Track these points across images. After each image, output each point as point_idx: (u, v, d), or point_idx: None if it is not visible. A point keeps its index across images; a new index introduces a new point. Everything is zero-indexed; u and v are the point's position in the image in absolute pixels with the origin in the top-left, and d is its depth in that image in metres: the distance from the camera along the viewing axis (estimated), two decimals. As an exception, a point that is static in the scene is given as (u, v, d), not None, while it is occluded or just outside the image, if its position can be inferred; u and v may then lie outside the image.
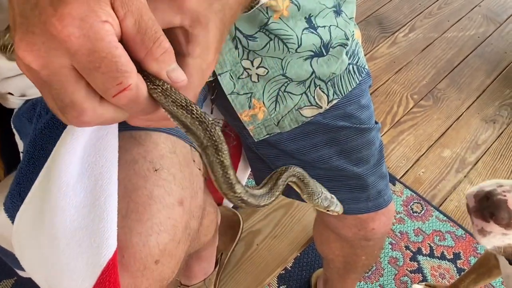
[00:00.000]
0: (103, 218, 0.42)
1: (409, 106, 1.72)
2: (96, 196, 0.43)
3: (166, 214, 0.47)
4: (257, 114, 0.68)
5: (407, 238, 1.37)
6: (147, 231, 0.45)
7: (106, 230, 0.42)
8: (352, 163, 0.72)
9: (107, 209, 0.43)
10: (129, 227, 0.45)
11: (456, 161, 1.57)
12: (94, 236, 0.42)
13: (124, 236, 0.45)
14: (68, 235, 0.43)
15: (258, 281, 1.02)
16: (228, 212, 1.09)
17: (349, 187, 0.74)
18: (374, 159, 0.74)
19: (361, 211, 0.76)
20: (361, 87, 0.72)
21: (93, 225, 0.43)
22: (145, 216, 0.46)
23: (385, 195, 0.76)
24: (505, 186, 0.59)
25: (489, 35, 2.01)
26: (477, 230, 0.61)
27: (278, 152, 0.73)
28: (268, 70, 0.65)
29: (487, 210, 0.59)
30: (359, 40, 0.73)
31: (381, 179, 0.76)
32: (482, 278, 1.12)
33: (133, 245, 0.45)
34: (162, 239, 0.46)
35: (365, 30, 1.97)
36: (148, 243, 0.45)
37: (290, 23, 0.63)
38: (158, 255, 0.46)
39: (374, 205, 0.76)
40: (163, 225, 0.47)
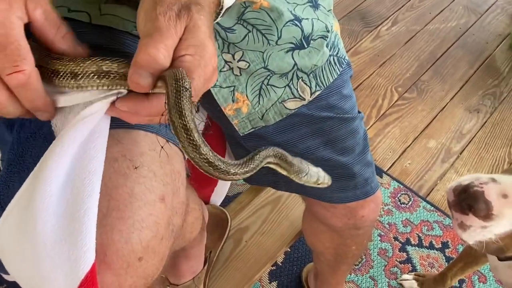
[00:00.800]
0: (81, 232, 0.42)
1: (394, 98, 1.73)
2: (76, 208, 0.43)
3: (147, 210, 0.47)
4: (241, 108, 0.68)
5: (395, 229, 1.38)
6: (128, 228, 0.45)
7: (84, 244, 0.42)
8: (338, 153, 0.73)
9: (86, 222, 0.42)
10: (111, 225, 0.45)
11: (441, 151, 1.59)
12: (72, 249, 0.42)
13: (106, 235, 0.44)
14: (49, 246, 0.43)
15: (247, 278, 1.02)
16: (215, 210, 1.09)
17: (337, 176, 0.74)
18: (359, 147, 0.75)
19: (350, 199, 0.76)
20: (343, 78, 0.72)
21: (72, 238, 0.42)
22: (126, 213, 0.45)
23: (372, 183, 0.77)
24: (482, 179, 0.60)
25: (470, 25, 2.03)
26: (457, 224, 0.60)
27: (266, 143, 0.73)
28: (250, 63, 0.65)
29: (465, 203, 0.59)
30: (338, 32, 0.74)
31: (367, 167, 0.76)
32: (469, 266, 1.13)
33: (115, 243, 0.44)
34: (144, 236, 0.46)
35: (348, 24, 1.98)
36: (131, 240, 0.45)
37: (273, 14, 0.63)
38: (141, 252, 0.46)
39: (362, 193, 0.76)
40: (145, 222, 0.46)
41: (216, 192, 1.04)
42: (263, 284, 1.22)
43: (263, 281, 1.23)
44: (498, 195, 0.57)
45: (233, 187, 1.36)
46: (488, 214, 0.57)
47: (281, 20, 0.63)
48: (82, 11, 0.57)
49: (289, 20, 0.64)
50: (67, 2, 0.57)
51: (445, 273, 1.19)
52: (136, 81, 0.39)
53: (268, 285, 1.23)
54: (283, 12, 0.63)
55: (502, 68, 1.88)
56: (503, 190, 0.57)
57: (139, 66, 0.39)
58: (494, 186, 0.58)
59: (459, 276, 1.18)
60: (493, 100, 1.76)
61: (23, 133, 0.53)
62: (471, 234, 0.59)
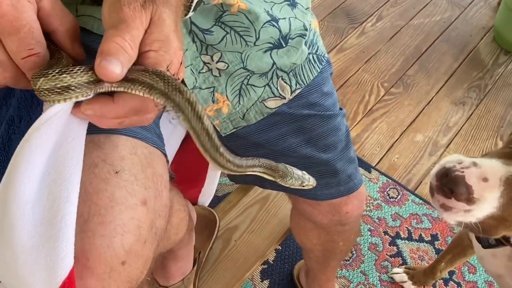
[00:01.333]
0: (59, 238, 0.42)
1: (380, 94, 1.74)
2: (53, 214, 0.43)
3: (129, 214, 0.47)
4: (222, 108, 0.69)
5: (385, 223, 1.39)
6: (110, 233, 0.45)
7: (62, 250, 0.42)
8: (320, 150, 0.73)
9: (63, 228, 0.42)
10: (92, 231, 0.45)
11: (428, 144, 1.60)
12: (50, 255, 0.42)
13: (88, 240, 0.44)
14: (26, 252, 0.43)
15: (237, 277, 1.03)
16: (203, 211, 1.09)
17: (320, 174, 0.74)
18: (342, 144, 0.75)
19: (334, 196, 0.77)
20: (323, 75, 0.73)
21: (49, 244, 0.42)
22: (107, 218, 0.46)
23: (355, 179, 0.78)
24: (464, 163, 0.60)
25: (454, 19, 2.05)
26: (439, 205, 0.61)
27: (248, 143, 0.73)
28: (228, 64, 0.65)
29: (446, 187, 0.59)
30: (316, 29, 0.74)
31: (350, 163, 0.77)
32: (457, 258, 1.14)
33: (97, 248, 0.45)
34: (126, 240, 0.46)
35: (333, 22, 1.99)
36: (112, 244, 0.45)
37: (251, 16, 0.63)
38: (124, 256, 0.46)
39: (346, 189, 0.77)
40: (126, 226, 0.46)
41: (203, 192, 1.04)
42: (255, 283, 1.23)
43: (255, 280, 1.23)
44: (478, 179, 0.57)
45: (222, 187, 1.36)
46: (469, 197, 0.57)
47: (258, 22, 0.63)
48: None
49: (267, 21, 0.64)
50: None
51: (435, 265, 1.20)
52: (105, 67, 0.37)
53: (260, 283, 1.23)
54: (260, 14, 0.63)
55: (486, 61, 1.89)
56: (483, 173, 0.58)
57: (107, 53, 0.37)
58: (475, 170, 0.58)
59: (448, 268, 1.19)
60: (478, 92, 1.78)
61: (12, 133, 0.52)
62: (452, 216, 0.60)
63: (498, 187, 0.57)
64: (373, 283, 1.28)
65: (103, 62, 0.37)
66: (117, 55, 0.37)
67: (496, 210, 0.58)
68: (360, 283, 1.27)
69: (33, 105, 0.52)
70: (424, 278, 1.24)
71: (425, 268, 1.24)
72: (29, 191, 0.43)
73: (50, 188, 0.44)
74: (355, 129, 1.63)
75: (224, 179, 1.36)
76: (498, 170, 0.58)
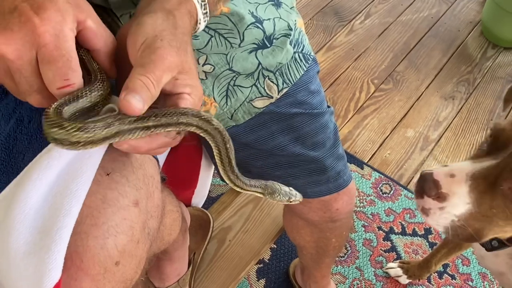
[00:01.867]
0: (50, 249, 0.43)
1: (371, 91, 1.76)
2: (50, 225, 0.44)
3: (121, 215, 0.47)
4: (209, 110, 0.69)
5: (378, 219, 1.41)
6: (103, 234, 0.46)
7: (51, 262, 0.43)
8: (309, 148, 0.74)
9: (56, 240, 0.43)
10: (85, 232, 0.45)
11: (419, 139, 1.62)
12: (39, 265, 0.43)
13: (81, 242, 0.45)
14: (19, 257, 0.43)
15: (233, 276, 1.03)
16: (197, 212, 1.10)
17: (309, 171, 0.75)
18: (330, 142, 0.76)
19: (323, 193, 0.78)
20: (309, 74, 0.73)
21: (41, 253, 0.43)
22: (100, 220, 0.46)
23: (344, 175, 0.78)
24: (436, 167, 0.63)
25: (442, 15, 2.06)
26: (420, 210, 0.63)
27: (237, 144, 0.74)
28: (214, 66, 0.66)
29: (419, 187, 0.62)
30: (302, 28, 0.75)
31: (339, 160, 0.78)
32: (453, 251, 1.16)
33: (91, 249, 0.45)
34: (120, 240, 0.47)
35: (322, 20, 2.00)
36: (106, 245, 0.46)
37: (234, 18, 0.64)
38: (117, 257, 0.47)
39: (335, 186, 0.78)
40: (119, 227, 0.47)
41: (196, 194, 1.05)
42: (251, 282, 1.24)
43: (251, 279, 1.24)
44: (445, 175, 0.60)
45: (215, 188, 1.37)
46: (438, 193, 0.60)
47: (242, 24, 0.64)
48: None
49: (251, 23, 0.65)
50: None
51: (429, 259, 1.21)
52: (130, 101, 0.40)
53: (256, 283, 1.24)
54: (244, 15, 0.64)
55: (474, 55, 1.91)
56: (450, 171, 0.60)
57: (131, 90, 0.40)
58: (443, 168, 0.61)
59: (443, 261, 1.20)
60: (467, 86, 1.80)
61: (19, 133, 0.52)
62: (434, 218, 0.62)
63: (465, 182, 0.59)
64: (369, 278, 1.29)
65: (128, 97, 0.40)
66: (141, 92, 0.40)
67: (472, 207, 0.59)
68: (355, 278, 1.28)
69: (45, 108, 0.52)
70: (418, 272, 1.25)
71: (419, 261, 1.25)
72: (36, 199, 0.44)
73: (55, 199, 0.44)
74: (347, 126, 1.64)
75: (218, 180, 1.37)
76: (465, 167, 0.60)
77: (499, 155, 0.60)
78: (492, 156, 0.61)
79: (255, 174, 0.80)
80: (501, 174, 0.58)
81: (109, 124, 0.40)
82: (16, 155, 0.51)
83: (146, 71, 0.41)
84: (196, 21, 0.49)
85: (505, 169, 0.58)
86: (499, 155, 0.60)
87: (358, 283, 1.28)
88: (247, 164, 0.77)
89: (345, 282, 1.27)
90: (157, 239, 0.59)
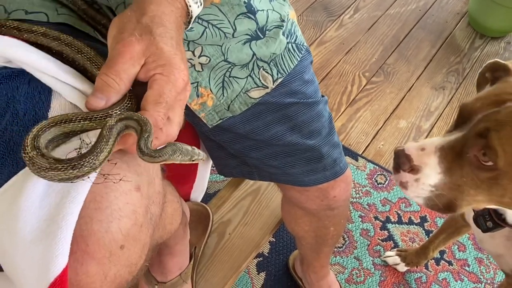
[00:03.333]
0: (57, 235, 0.43)
1: (362, 84, 1.78)
2: (57, 211, 0.44)
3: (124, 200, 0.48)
4: (206, 102, 0.70)
5: (375, 209, 1.42)
6: (107, 218, 0.46)
7: (58, 248, 0.43)
8: (305, 137, 0.75)
9: (63, 227, 0.43)
10: (89, 216, 0.45)
11: (412, 130, 1.64)
12: (46, 251, 0.43)
13: (86, 226, 0.45)
14: (26, 245, 0.43)
15: (234, 268, 1.04)
16: (196, 206, 1.11)
17: (306, 160, 0.76)
18: (325, 130, 0.77)
19: (321, 181, 0.79)
20: (303, 64, 0.75)
21: (47, 240, 0.43)
22: (103, 204, 0.46)
23: (340, 163, 0.80)
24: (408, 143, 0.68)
25: (429, 7, 2.09)
26: (399, 185, 0.67)
27: (233, 135, 0.75)
28: (210, 58, 0.67)
29: (395, 164, 0.66)
30: (294, 19, 0.76)
31: (335, 148, 0.79)
32: (451, 237, 1.17)
33: (95, 233, 0.45)
34: (123, 224, 0.47)
35: (311, 16, 2.01)
36: (110, 229, 0.46)
37: (224, 8, 0.65)
38: (122, 240, 0.47)
39: (332, 174, 0.79)
40: (122, 211, 0.47)
41: (195, 188, 1.06)
42: (252, 276, 1.25)
43: (251, 273, 1.25)
44: (416, 149, 0.65)
45: (213, 184, 1.38)
46: (412, 166, 0.65)
47: (232, 13, 0.66)
48: (39, 12, 0.59)
49: (241, 13, 0.66)
50: (23, 5, 0.59)
51: (427, 246, 1.23)
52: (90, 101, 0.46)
53: (257, 276, 1.25)
54: (234, 5, 0.65)
55: (462, 45, 1.94)
56: (421, 145, 0.65)
57: (95, 89, 0.46)
58: (414, 143, 0.66)
59: (441, 247, 1.22)
60: (457, 76, 1.82)
61: (15, 126, 0.53)
62: (412, 190, 0.66)
63: (434, 153, 0.64)
64: (367, 267, 1.30)
65: (90, 97, 0.46)
66: (102, 90, 0.45)
67: (443, 177, 0.64)
68: (354, 268, 1.30)
69: (40, 101, 0.53)
70: (416, 259, 1.27)
71: (417, 249, 1.27)
72: (42, 188, 0.45)
73: (60, 186, 0.45)
74: (340, 120, 1.66)
75: (215, 176, 1.38)
76: (435, 141, 0.65)
77: (464, 128, 0.64)
78: (459, 130, 0.65)
79: (252, 165, 0.81)
80: (466, 143, 0.62)
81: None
82: (13, 147, 0.51)
83: (106, 69, 0.46)
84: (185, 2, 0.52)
85: (469, 138, 0.62)
86: (464, 128, 0.64)
87: (357, 272, 1.29)
88: (244, 155, 0.78)
89: (344, 272, 1.29)
90: (159, 225, 0.60)
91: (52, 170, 0.42)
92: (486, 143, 0.59)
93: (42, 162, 0.42)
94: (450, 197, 0.64)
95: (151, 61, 0.47)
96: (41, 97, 0.53)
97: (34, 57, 0.52)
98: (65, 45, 0.55)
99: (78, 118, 0.46)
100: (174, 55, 0.48)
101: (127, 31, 0.47)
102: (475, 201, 0.66)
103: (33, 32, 0.55)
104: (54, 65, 0.53)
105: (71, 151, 0.46)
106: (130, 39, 0.46)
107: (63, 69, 0.53)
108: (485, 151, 0.60)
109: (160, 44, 0.47)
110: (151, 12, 0.48)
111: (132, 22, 0.48)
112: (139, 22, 0.48)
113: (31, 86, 0.54)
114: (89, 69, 0.54)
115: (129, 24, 0.48)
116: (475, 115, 0.63)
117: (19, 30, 0.55)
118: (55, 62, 0.54)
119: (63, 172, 0.42)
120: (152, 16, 0.48)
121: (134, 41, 0.46)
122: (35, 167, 0.42)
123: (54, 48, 0.55)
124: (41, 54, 0.53)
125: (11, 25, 0.55)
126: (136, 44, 0.46)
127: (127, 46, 0.46)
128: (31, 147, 0.43)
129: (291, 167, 0.77)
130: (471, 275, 1.31)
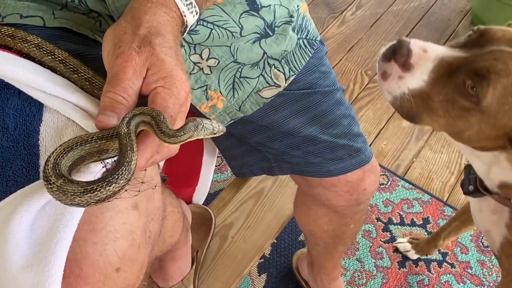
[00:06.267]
0: (50, 262, 0.41)
1: (365, 82, 1.76)
2: (50, 236, 0.42)
3: (120, 220, 0.46)
4: (217, 104, 0.68)
5: (377, 210, 1.41)
6: (102, 240, 0.44)
7: (51, 275, 0.41)
8: (326, 126, 0.73)
9: (56, 252, 0.41)
10: (83, 239, 0.44)
11: (415, 129, 1.62)
12: (37, 278, 0.41)
13: (79, 249, 0.43)
14: (17, 270, 0.42)
15: (237, 273, 1.03)
16: (198, 209, 1.09)
17: (329, 148, 0.74)
18: (347, 119, 0.75)
19: (347, 169, 0.76)
20: (317, 56, 0.73)
21: (39, 266, 0.41)
22: (98, 225, 0.45)
23: (365, 151, 0.77)
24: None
25: (432, 4, 2.07)
26: (381, 74, 0.65)
27: (254, 126, 0.73)
28: (219, 59, 0.65)
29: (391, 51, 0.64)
30: (306, 13, 0.74)
31: (358, 137, 0.76)
32: (464, 225, 1.15)
33: (90, 256, 0.44)
34: (119, 245, 0.45)
35: (314, 12, 1.99)
36: (105, 251, 0.44)
37: (227, 8, 0.63)
38: (117, 263, 0.45)
39: (357, 162, 0.76)
40: (118, 232, 0.46)
41: (198, 191, 1.04)
42: (253, 278, 1.23)
43: (252, 275, 1.23)
44: (420, 48, 0.63)
45: (213, 184, 1.36)
46: (406, 62, 0.63)
47: (235, 12, 0.64)
48: (35, 15, 0.56)
49: (244, 11, 0.64)
50: (18, 9, 0.57)
51: (439, 233, 1.21)
52: (102, 120, 0.43)
53: (258, 278, 1.24)
54: (237, 4, 0.64)
55: (466, 44, 1.92)
56: (426, 46, 0.64)
57: (103, 108, 0.44)
58: (419, 42, 0.64)
59: (452, 236, 1.20)
60: (460, 75, 1.81)
61: (5, 141, 0.51)
62: (390, 84, 0.64)
63: (432, 61, 0.62)
64: (369, 269, 1.29)
65: (100, 116, 0.43)
66: (112, 108, 0.43)
67: (425, 85, 0.63)
68: (356, 270, 1.29)
69: (30, 114, 0.51)
70: (427, 247, 1.26)
71: (428, 237, 1.26)
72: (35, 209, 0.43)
73: (56, 208, 0.43)
74: (342, 118, 1.64)
75: (216, 176, 1.35)
76: (440, 49, 0.63)
77: (471, 51, 0.62)
78: (465, 50, 0.63)
79: (272, 159, 0.78)
80: (463, 66, 0.61)
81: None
82: (3, 163, 0.49)
83: (112, 86, 0.44)
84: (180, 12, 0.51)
85: (468, 64, 0.60)
86: (471, 51, 0.62)
87: (359, 274, 1.28)
88: (265, 147, 0.76)
89: (346, 274, 1.27)
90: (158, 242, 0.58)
91: (88, 193, 0.39)
92: (482, 78, 0.58)
93: (74, 188, 0.39)
94: (415, 108, 0.64)
95: (151, 74, 0.45)
96: (31, 110, 0.51)
97: (21, 72, 0.50)
98: (59, 61, 0.53)
99: (94, 138, 0.44)
100: (175, 66, 0.46)
101: (125, 43, 0.45)
102: (435, 122, 0.66)
103: (27, 42, 0.52)
104: (43, 78, 0.50)
105: (98, 171, 0.44)
106: (130, 52, 0.45)
107: (53, 80, 0.51)
108: (476, 85, 0.59)
109: (160, 55, 0.46)
110: (147, 23, 0.47)
111: (129, 34, 0.46)
112: (135, 33, 0.46)
113: (22, 98, 0.52)
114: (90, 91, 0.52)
115: (125, 36, 0.46)
116: (490, 44, 0.61)
117: (13, 38, 0.53)
118: (43, 74, 0.51)
119: (99, 191, 0.39)
120: (148, 26, 0.47)
121: (134, 55, 0.45)
122: (67, 195, 0.39)
123: (47, 64, 0.53)
124: (28, 66, 0.51)
125: (6, 32, 0.53)
126: (137, 57, 0.45)
127: (129, 61, 0.45)
128: (55, 176, 0.39)
129: (315, 156, 0.74)
130: (473, 278, 1.30)
